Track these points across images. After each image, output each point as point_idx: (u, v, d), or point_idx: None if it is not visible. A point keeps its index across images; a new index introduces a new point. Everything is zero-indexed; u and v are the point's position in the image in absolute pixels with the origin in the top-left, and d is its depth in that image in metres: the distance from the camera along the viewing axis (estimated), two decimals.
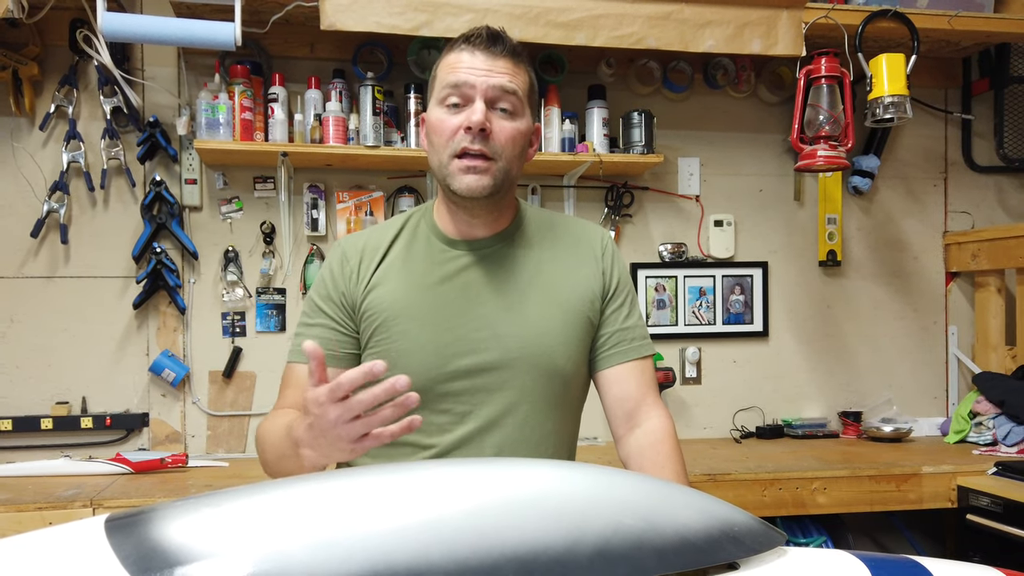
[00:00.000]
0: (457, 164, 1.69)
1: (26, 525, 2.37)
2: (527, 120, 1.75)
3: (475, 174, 1.68)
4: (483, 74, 1.67)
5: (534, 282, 1.82)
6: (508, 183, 1.75)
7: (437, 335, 1.74)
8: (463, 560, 0.90)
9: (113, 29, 2.75)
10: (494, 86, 1.67)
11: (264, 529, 0.91)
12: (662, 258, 3.61)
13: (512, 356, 1.76)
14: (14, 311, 3.15)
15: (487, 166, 1.69)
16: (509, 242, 1.85)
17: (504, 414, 1.76)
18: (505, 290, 1.80)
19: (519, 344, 1.77)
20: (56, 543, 0.94)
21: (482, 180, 1.69)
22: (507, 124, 1.70)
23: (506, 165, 1.71)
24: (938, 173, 3.87)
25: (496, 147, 1.69)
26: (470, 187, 1.69)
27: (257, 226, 3.30)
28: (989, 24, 3.34)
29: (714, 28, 3.09)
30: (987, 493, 2.77)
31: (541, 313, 1.80)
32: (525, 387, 1.77)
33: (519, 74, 1.72)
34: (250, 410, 3.30)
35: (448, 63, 1.72)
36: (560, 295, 1.83)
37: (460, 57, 1.70)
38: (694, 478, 2.73)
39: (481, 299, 1.79)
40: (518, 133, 1.72)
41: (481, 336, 1.76)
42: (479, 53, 1.69)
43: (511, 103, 1.70)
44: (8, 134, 3.15)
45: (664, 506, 1.03)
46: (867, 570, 1.08)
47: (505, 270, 1.82)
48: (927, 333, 3.84)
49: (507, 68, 1.69)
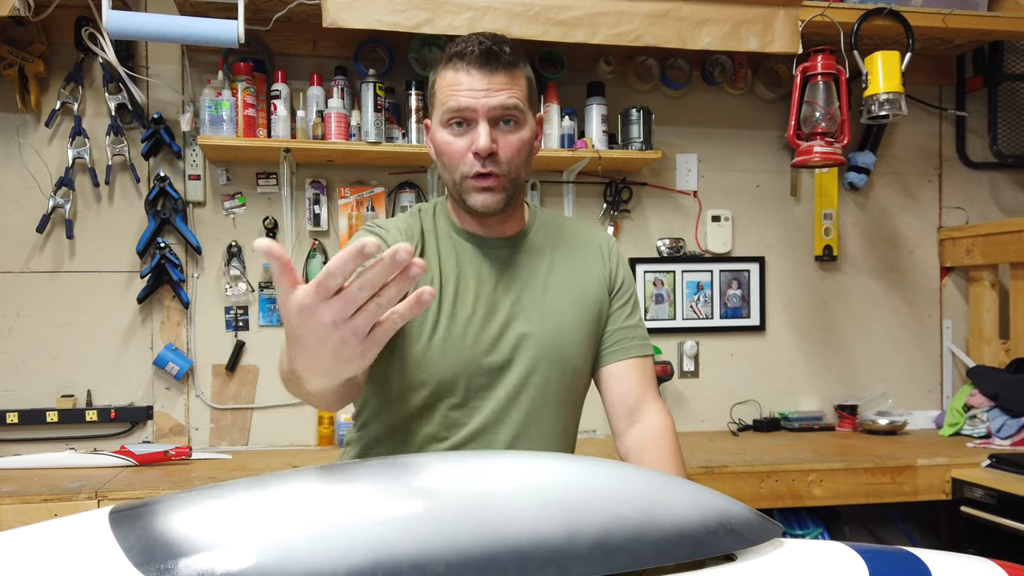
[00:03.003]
0: (471, 184, 1.70)
1: (32, 517, 2.38)
2: (530, 125, 1.75)
3: (488, 192, 1.70)
4: (483, 95, 1.66)
5: (549, 281, 1.84)
6: (518, 190, 1.77)
7: (458, 331, 1.74)
8: (464, 551, 0.90)
9: (118, 27, 2.74)
10: (495, 106, 1.67)
11: (267, 521, 0.91)
12: (660, 253, 3.61)
13: (529, 353, 1.77)
14: (20, 305, 3.15)
15: (497, 183, 1.70)
16: (524, 243, 1.86)
17: (517, 409, 1.77)
18: (522, 289, 1.82)
19: (536, 342, 1.78)
20: (61, 534, 0.94)
21: (496, 197, 1.71)
22: (512, 137, 1.70)
23: (515, 175, 1.73)
24: (933, 169, 3.87)
25: (504, 164, 1.70)
26: (485, 204, 1.71)
27: (260, 221, 3.30)
28: (983, 22, 3.34)
29: (711, 26, 3.08)
30: (981, 485, 2.77)
31: (557, 311, 1.82)
32: (539, 383, 1.78)
33: (517, 84, 1.71)
34: (253, 403, 3.30)
35: (447, 83, 1.70)
36: (573, 294, 1.85)
37: (458, 78, 1.68)
38: (692, 470, 2.73)
39: (499, 297, 1.79)
40: (523, 142, 1.72)
41: (500, 334, 1.77)
42: (475, 72, 1.67)
43: (513, 115, 1.69)
44: (14, 130, 3.14)
45: (662, 498, 1.03)
46: (863, 561, 1.08)
47: (522, 270, 1.84)
48: (922, 327, 3.84)
49: (505, 83, 1.68)
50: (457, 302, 1.77)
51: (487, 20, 2.91)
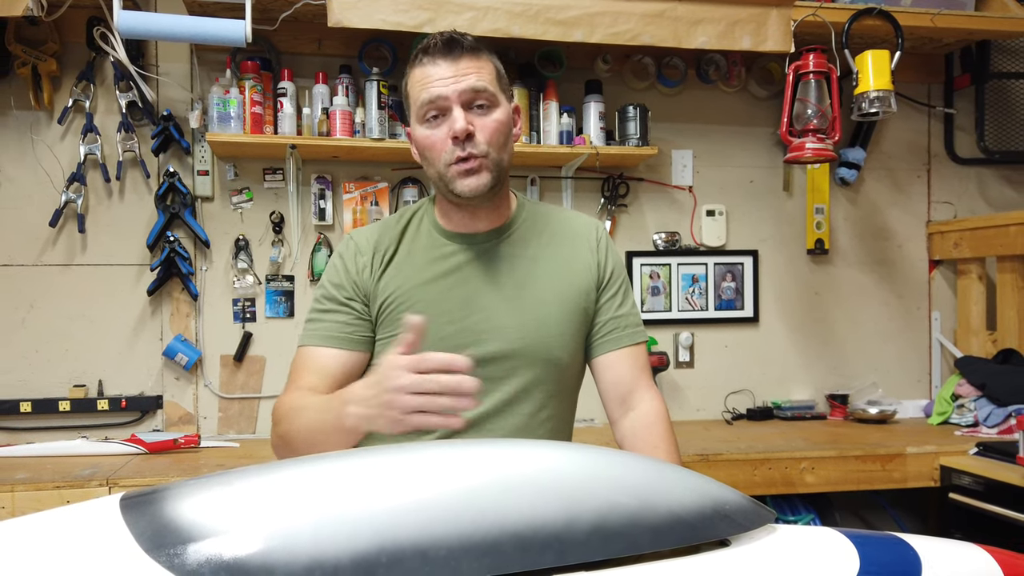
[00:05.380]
0: (455, 170, 1.71)
1: (45, 503, 2.38)
2: (504, 107, 1.75)
3: (473, 175, 1.71)
4: (452, 81, 1.68)
5: (532, 275, 1.83)
6: (503, 173, 1.77)
7: (439, 327, 1.73)
8: (465, 536, 0.90)
9: (129, 27, 2.74)
10: (464, 90, 1.68)
11: (273, 507, 0.90)
12: (656, 246, 3.61)
13: (512, 347, 1.77)
14: (33, 298, 3.15)
15: (481, 164, 1.71)
16: (507, 236, 1.86)
17: (504, 402, 1.77)
18: (504, 283, 1.81)
19: (518, 335, 1.77)
20: (74, 520, 0.94)
21: (481, 179, 1.71)
22: (487, 119, 1.71)
23: (497, 156, 1.73)
24: (921, 165, 3.86)
25: (483, 144, 1.70)
26: (472, 188, 1.71)
27: (267, 216, 3.30)
28: (970, 22, 3.34)
29: (706, 25, 3.08)
30: (968, 472, 2.78)
31: (539, 305, 1.81)
32: (525, 376, 1.78)
33: (484, 67, 1.72)
34: (260, 393, 3.31)
35: (416, 79, 1.72)
36: (557, 287, 1.84)
37: (426, 72, 1.70)
38: (687, 458, 2.73)
39: (481, 292, 1.79)
40: (499, 124, 1.73)
41: (481, 328, 1.77)
42: (441, 61, 1.68)
43: (485, 98, 1.70)
44: (28, 127, 3.14)
45: (658, 485, 1.03)
46: (853, 547, 1.08)
47: (504, 264, 1.83)
48: (911, 318, 3.84)
49: (471, 67, 1.69)
50: (439, 298, 1.78)
51: (488, 20, 2.91)
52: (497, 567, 0.90)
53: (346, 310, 1.81)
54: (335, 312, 1.81)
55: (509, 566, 0.90)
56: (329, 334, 1.79)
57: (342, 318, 1.80)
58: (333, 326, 1.79)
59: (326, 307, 1.83)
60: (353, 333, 1.80)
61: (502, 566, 0.90)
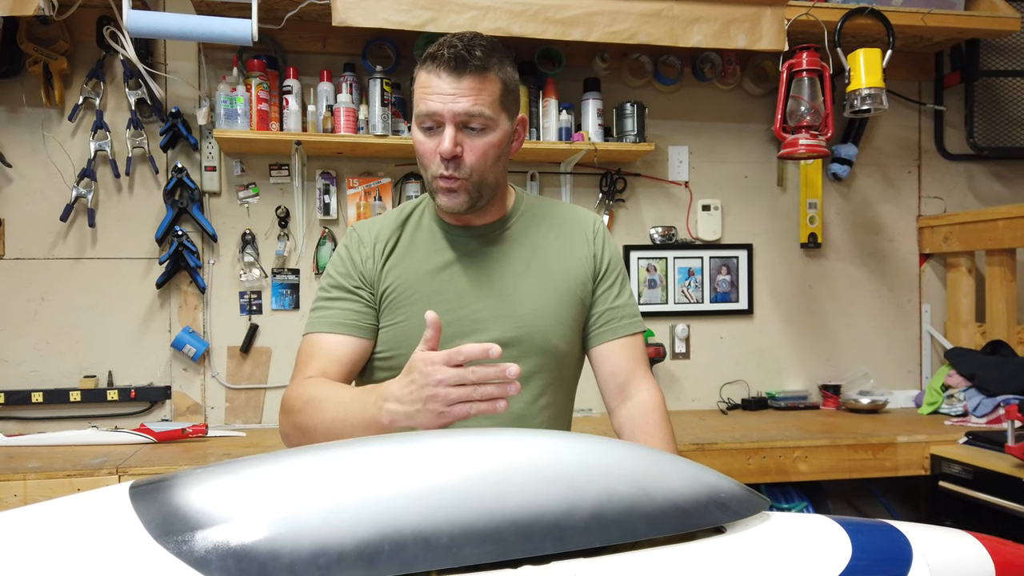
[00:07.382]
0: (438, 184, 1.72)
1: (56, 491, 2.38)
2: (501, 128, 1.72)
3: (452, 194, 1.72)
4: (449, 100, 1.65)
5: (530, 266, 1.83)
6: (486, 191, 1.76)
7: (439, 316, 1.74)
8: (467, 523, 0.90)
9: (138, 26, 2.74)
10: (459, 112, 1.65)
11: (279, 495, 0.90)
12: (653, 241, 3.60)
13: (510, 335, 1.76)
14: (45, 290, 3.15)
15: (461, 186, 1.71)
16: (506, 229, 1.86)
17: None
18: (503, 273, 1.81)
19: (516, 325, 1.77)
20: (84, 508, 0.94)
21: (457, 198, 1.72)
22: (478, 142, 1.69)
23: (479, 179, 1.72)
24: (912, 161, 3.86)
25: (466, 168, 1.69)
26: (448, 206, 1.73)
27: (272, 210, 3.29)
28: (960, 21, 3.33)
29: (702, 24, 3.08)
30: (958, 461, 2.78)
31: (537, 296, 1.81)
32: (523, 365, 1.76)
33: (486, 88, 1.67)
34: (266, 383, 3.31)
35: (420, 84, 1.70)
36: (554, 278, 1.84)
37: (429, 81, 1.67)
38: (683, 447, 2.73)
39: (480, 282, 1.80)
40: (489, 146, 1.70)
41: (480, 318, 1.77)
42: (444, 75, 1.65)
43: (479, 122, 1.67)
44: (39, 124, 3.14)
45: (655, 473, 1.03)
46: (845, 534, 1.08)
47: (502, 255, 1.83)
48: (902, 311, 3.84)
49: (472, 88, 1.65)
50: (438, 288, 1.78)
51: (488, 19, 2.91)
52: (498, 554, 0.90)
53: (354, 298, 1.81)
54: (343, 300, 1.81)
55: (510, 552, 0.90)
56: (338, 320, 1.79)
57: (350, 305, 1.80)
58: (341, 313, 1.79)
59: (333, 295, 1.83)
60: (361, 320, 1.80)
61: (503, 553, 0.90)
